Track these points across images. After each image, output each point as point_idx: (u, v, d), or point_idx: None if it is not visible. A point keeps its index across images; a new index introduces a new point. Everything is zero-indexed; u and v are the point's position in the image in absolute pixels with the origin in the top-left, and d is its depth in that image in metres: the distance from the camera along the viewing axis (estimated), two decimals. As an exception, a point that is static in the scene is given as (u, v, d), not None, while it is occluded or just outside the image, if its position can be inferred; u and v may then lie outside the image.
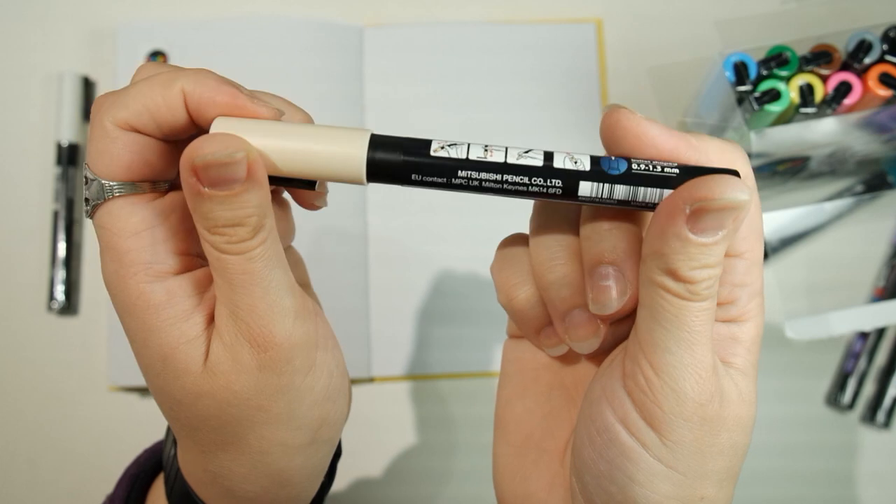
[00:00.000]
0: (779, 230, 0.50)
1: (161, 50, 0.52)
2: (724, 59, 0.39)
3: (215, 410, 0.24)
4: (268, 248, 0.23)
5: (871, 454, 0.48)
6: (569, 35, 0.54)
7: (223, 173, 0.22)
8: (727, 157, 0.23)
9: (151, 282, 0.24)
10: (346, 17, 0.54)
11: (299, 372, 0.25)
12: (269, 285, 0.23)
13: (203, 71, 0.25)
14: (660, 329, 0.22)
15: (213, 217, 0.22)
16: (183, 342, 0.24)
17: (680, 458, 0.23)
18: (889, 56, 0.39)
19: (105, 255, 0.24)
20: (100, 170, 0.24)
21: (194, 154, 0.22)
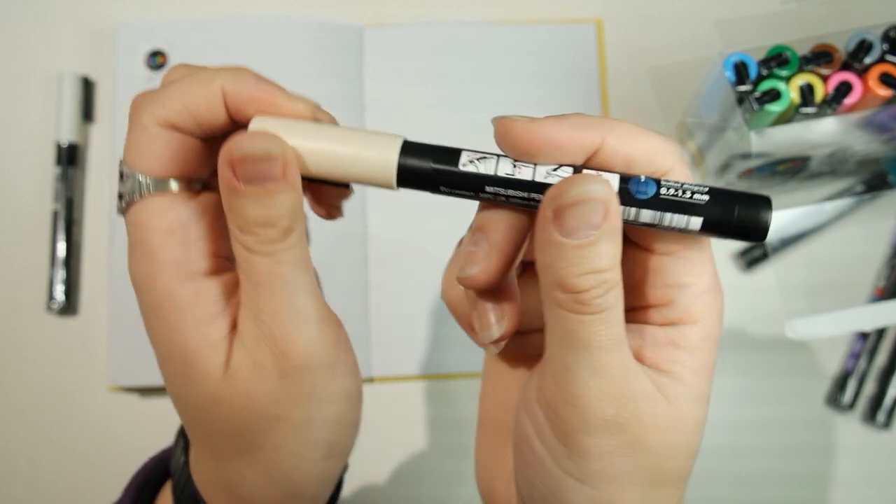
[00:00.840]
0: (779, 230, 0.50)
1: (161, 50, 0.52)
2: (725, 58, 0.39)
3: (234, 417, 0.24)
4: (296, 253, 0.24)
5: (872, 454, 0.48)
6: (569, 35, 0.54)
7: (259, 169, 0.22)
8: (641, 142, 0.22)
9: (182, 281, 0.24)
10: (346, 17, 0.54)
11: (320, 382, 0.25)
12: (294, 290, 0.23)
13: (241, 69, 0.26)
14: (557, 345, 0.22)
15: (245, 215, 0.23)
16: (205, 345, 0.24)
17: (588, 471, 0.22)
18: (889, 56, 0.39)
19: (135, 251, 0.24)
20: (138, 165, 0.24)
21: (234, 147, 0.22)
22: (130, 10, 0.55)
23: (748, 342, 0.49)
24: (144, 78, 0.52)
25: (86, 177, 0.53)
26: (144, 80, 0.52)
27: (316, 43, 0.53)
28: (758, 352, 0.49)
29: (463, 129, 0.52)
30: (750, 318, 0.50)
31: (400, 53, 0.53)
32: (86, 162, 0.53)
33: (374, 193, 0.51)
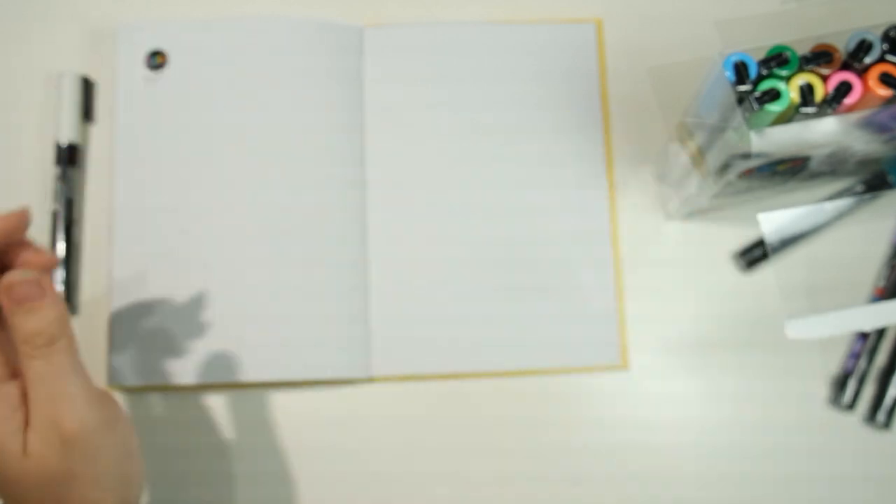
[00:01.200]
0: (779, 230, 0.50)
1: (161, 50, 0.52)
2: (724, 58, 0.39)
3: (40, 484, 0.32)
4: (64, 353, 0.33)
5: (872, 455, 0.48)
6: (569, 35, 0.54)
7: (25, 292, 0.32)
8: None
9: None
10: (346, 17, 0.54)
11: (98, 442, 0.33)
12: (64, 381, 0.32)
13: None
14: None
15: (21, 328, 0.32)
16: (7, 435, 0.32)
17: None
18: (889, 56, 0.39)
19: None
20: None
21: (4, 281, 0.32)
22: (130, 9, 0.55)
23: (748, 342, 0.49)
24: (144, 77, 0.52)
25: (86, 177, 0.53)
26: (144, 79, 0.52)
27: (315, 43, 0.53)
28: (757, 352, 0.49)
29: (463, 129, 0.52)
30: (750, 319, 0.50)
31: (400, 53, 0.53)
32: (86, 162, 0.53)
33: (374, 194, 0.51)
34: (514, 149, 0.52)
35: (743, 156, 0.40)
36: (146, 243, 0.50)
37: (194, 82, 0.52)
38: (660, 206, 0.52)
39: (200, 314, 0.49)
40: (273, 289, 0.49)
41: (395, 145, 0.52)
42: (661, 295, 0.50)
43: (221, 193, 0.50)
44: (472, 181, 0.51)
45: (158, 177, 0.51)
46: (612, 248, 0.51)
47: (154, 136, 0.51)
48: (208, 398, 0.49)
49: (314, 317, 0.49)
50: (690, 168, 0.46)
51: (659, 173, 0.52)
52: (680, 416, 0.49)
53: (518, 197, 0.51)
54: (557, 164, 0.52)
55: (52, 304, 0.33)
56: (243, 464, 0.48)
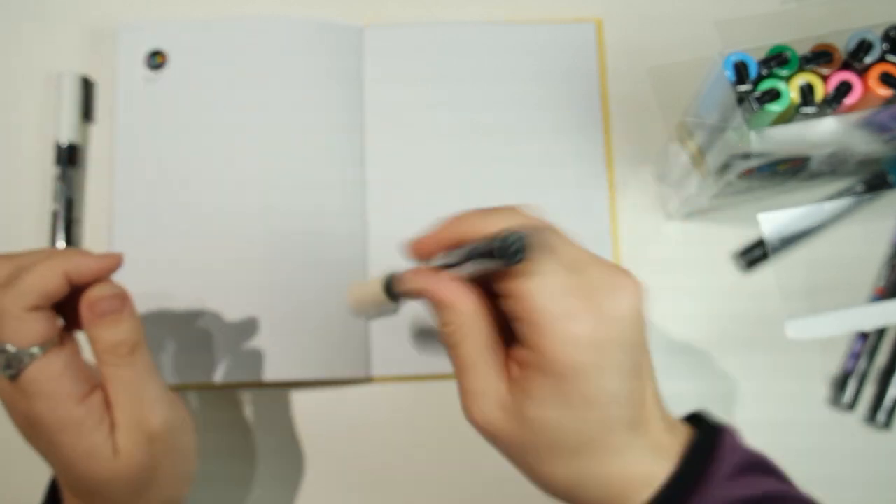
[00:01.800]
0: (779, 230, 0.50)
1: (160, 50, 0.52)
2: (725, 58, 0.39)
3: (130, 481, 0.35)
4: (144, 360, 0.35)
5: (872, 454, 0.48)
6: (569, 35, 0.54)
7: (106, 306, 0.34)
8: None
9: (76, 405, 0.33)
10: (346, 17, 0.54)
11: (177, 438, 0.36)
12: (146, 385, 0.35)
13: (71, 253, 0.35)
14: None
15: (103, 339, 0.34)
16: (100, 441, 0.34)
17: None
18: (889, 56, 0.39)
19: (34, 399, 0.33)
20: (19, 342, 0.33)
21: (88, 295, 0.34)
22: (130, 9, 0.55)
23: (748, 342, 0.49)
24: (144, 77, 0.52)
25: (86, 176, 0.53)
26: (144, 79, 0.52)
27: (315, 43, 0.53)
28: (758, 352, 0.49)
29: (463, 129, 0.52)
30: (750, 319, 0.50)
31: (400, 53, 0.53)
32: (86, 162, 0.53)
33: (374, 196, 0.51)
34: (513, 149, 0.52)
35: (743, 156, 0.40)
36: (145, 244, 0.50)
37: (194, 82, 0.52)
38: (660, 206, 0.52)
39: (199, 315, 0.49)
40: (272, 289, 0.49)
41: (395, 145, 0.52)
42: (660, 295, 0.50)
43: (221, 193, 0.50)
44: (471, 181, 0.51)
45: (158, 177, 0.51)
46: (612, 249, 0.51)
47: (154, 135, 0.51)
48: (208, 398, 0.49)
49: (314, 317, 0.49)
50: (690, 168, 0.46)
51: (659, 173, 0.52)
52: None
53: (518, 197, 0.51)
54: (558, 164, 0.52)
55: (132, 315, 0.35)
56: (242, 462, 0.48)
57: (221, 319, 0.49)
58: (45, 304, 0.33)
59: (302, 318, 0.49)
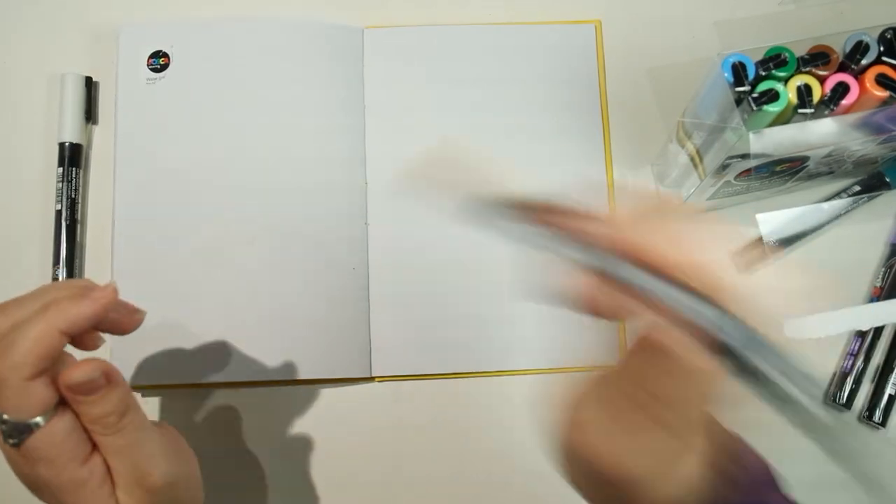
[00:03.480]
0: (777, 230, 0.50)
1: (163, 51, 0.53)
2: (723, 59, 0.39)
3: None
4: (135, 423, 0.34)
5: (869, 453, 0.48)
6: (568, 36, 0.54)
7: (89, 388, 0.33)
8: None
9: (80, 466, 0.33)
10: (347, 19, 0.54)
11: (180, 488, 0.36)
12: (140, 444, 0.34)
13: (64, 305, 0.33)
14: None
15: (90, 414, 0.33)
16: (103, 499, 0.34)
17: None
18: (886, 57, 0.40)
19: (39, 465, 0.33)
20: (20, 414, 0.32)
21: (66, 380, 0.32)
22: (133, 11, 0.55)
23: (746, 341, 0.50)
24: (147, 78, 0.52)
25: (89, 177, 0.53)
26: (146, 80, 0.52)
27: (316, 44, 0.53)
28: (756, 351, 0.49)
29: (463, 130, 0.53)
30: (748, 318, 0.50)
31: (400, 55, 0.53)
32: (89, 162, 0.53)
33: (374, 198, 0.52)
34: (513, 149, 0.52)
35: (741, 156, 0.40)
36: (147, 244, 0.50)
37: (196, 83, 0.52)
38: (659, 206, 0.52)
39: (200, 315, 0.49)
40: (274, 289, 0.49)
41: (395, 147, 0.52)
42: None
43: (223, 194, 0.50)
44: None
45: (160, 177, 0.51)
46: None
47: (155, 136, 0.52)
48: (209, 397, 0.50)
49: (315, 317, 0.49)
50: (689, 168, 0.47)
51: (658, 173, 0.52)
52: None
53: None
54: (557, 164, 0.52)
55: (116, 385, 0.33)
56: (242, 462, 0.49)
57: (222, 319, 0.49)
58: (43, 369, 0.32)
59: (303, 319, 0.49)
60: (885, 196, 0.51)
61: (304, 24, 0.53)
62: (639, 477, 0.29)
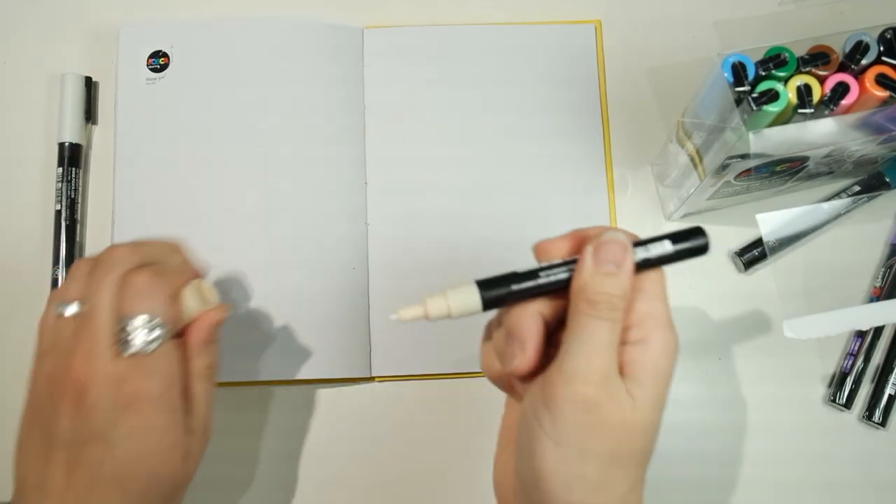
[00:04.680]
0: (777, 230, 0.50)
1: (163, 51, 0.53)
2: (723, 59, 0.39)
3: (182, 484, 0.38)
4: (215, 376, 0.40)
5: (868, 453, 0.48)
6: (568, 37, 0.54)
7: (214, 336, 0.39)
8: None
9: (180, 395, 0.37)
10: (346, 19, 0.54)
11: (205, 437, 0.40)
12: (212, 395, 0.39)
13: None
14: (570, 338, 0.30)
15: (202, 361, 0.39)
16: (181, 439, 0.37)
17: (563, 436, 0.29)
18: (885, 57, 0.40)
19: (154, 376, 0.36)
20: (165, 318, 0.36)
21: (213, 319, 0.39)
22: (133, 11, 0.55)
23: (746, 342, 0.50)
24: (146, 79, 0.52)
25: (89, 177, 0.53)
26: (146, 80, 0.52)
27: (316, 45, 0.53)
28: (755, 352, 0.50)
29: (463, 130, 0.53)
30: (748, 318, 0.50)
31: (400, 56, 0.53)
32: (88, 162, 0.53)
33: (374, 198, 0.52)
34: (513, 150, 0.52)
35: (741, 156, 0.40)
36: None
37: (196, 83, 0.52)
38: (659, 206, 0.52)
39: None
40: (273, 289, 0.49)
41: (395, 147, 0.52)
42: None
43: (223, 195, 0.51)
44: (471, 182, 0.52)
45: (159, 177, 0.51)
46: None
47: (155, 136, 0.52)
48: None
49: (315, 317, 0.49)
50: (689, 169, 0.47)
51: (659, 173, 0.52)
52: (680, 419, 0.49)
53: (517, 199, 0.52)
54: (557, 164, 0.52)
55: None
56: (241, 462, 0.49)
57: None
58: (177, 292, 0.38)
59: (303, 319, 0.49)
60: (885, 196, 0.51)
61: (303, 25, 0.53)
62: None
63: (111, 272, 0.36)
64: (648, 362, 0.30)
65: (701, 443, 0.48)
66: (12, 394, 0.50)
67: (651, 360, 0.31)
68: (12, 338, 0.50)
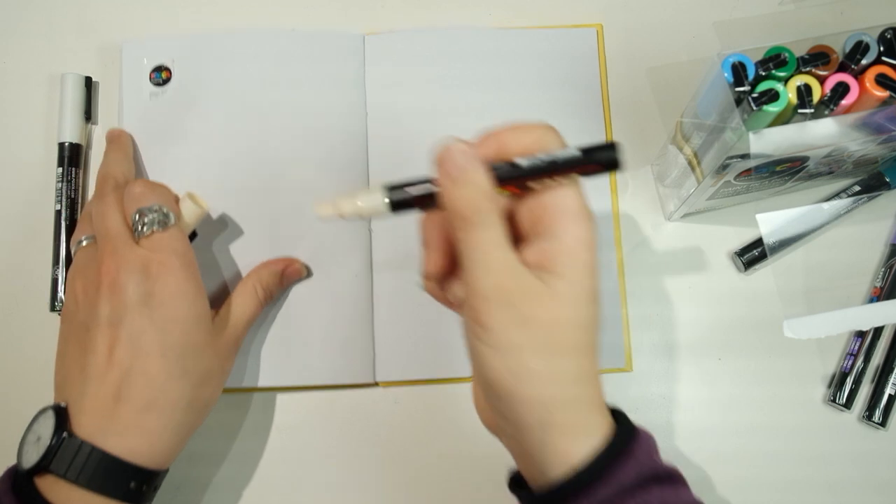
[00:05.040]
0: (777, 231, 0.50)
1: (165, 65, 0.52)
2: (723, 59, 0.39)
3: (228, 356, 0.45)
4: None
5: (868, 453, 0.48)
6: (570, 40, 0.54)
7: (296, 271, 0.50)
8: (528, 135, 0.32)
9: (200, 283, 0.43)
10: (346, 25, 0.54)
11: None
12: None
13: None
14: (462, 258, 0.31)
15: (277, 287, 0.49)
16: (209, 310, 0.43)
17: (495, 341, 0.31)
18: (886, 57, 0.40)
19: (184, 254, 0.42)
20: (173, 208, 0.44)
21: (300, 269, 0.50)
22: (133, 9, 0.55)
23: (746, 342, 0.50)
24: (150, 93, 0.52)
25: (88, 177, 0.53)
26: (150, 94, 0.52)
27: (317, 52, 0.53)
28: (756, 352, 0.50)
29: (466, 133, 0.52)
30: (748, 318, 0.50)
31: (401, 59, 0.53)
32: (88, 162, 0.53)
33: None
34: None
35: (741, 156, 0.40)
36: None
37: (199, 95, 0.52)
38: (659, 206, 0.52)
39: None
40: (279, 298, 0.49)
41: (398, 151, 0.52)
42: (659, 295, 0.51)
43: (228, 205, 0.50)
44: None
45: None
46: (615, 253, 0.51)
47: (159, 149, 0.51)
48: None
49: (319, 323, 0.49)
50: (689, 169, 0.47)
51: (659, 173, 0.52)
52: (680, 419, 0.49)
53: None
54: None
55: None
56: (245, 466, 0.49)
57: None
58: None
59: (307, 325, 0.49)
60: (885, 196, 0.51)
61: (304, 33, 0.53)
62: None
63: (110, 192, 0.43)
64: (564, 254, 0.31)
65: (701, 443, 0.48)
66: (13, 393, 0.50)
67: (566, 252, 0.31)
68: (13, 337, 0.50)
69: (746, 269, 0.51)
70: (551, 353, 0.31)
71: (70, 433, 0.38)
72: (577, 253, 0.31)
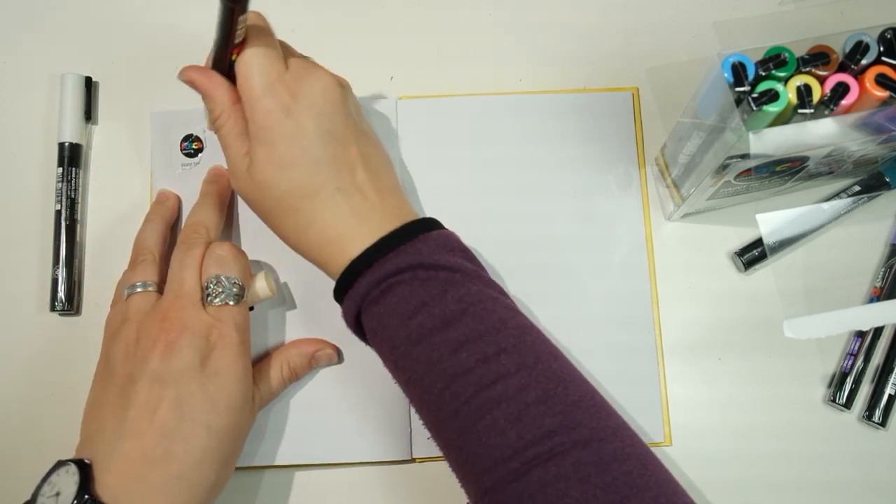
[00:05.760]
0: (777, 230, 0.50)
1: (195, 135, 0.52)
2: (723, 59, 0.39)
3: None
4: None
5: (868, 453, 0.48)
6: (606, 102, 0.53)
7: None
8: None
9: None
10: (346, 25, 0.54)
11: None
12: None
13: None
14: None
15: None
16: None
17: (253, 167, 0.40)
18: (886, 57, 0.40)
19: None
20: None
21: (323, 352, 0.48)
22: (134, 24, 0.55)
23: (746, 342, 0.50)
24: (182, 164, 0.51)
25: (88, 177, 0.53)
26: (182, 166, 0.51)
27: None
28: (756, 352, 0.49)
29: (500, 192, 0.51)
30: (748, 319, 0.50)
31: (432, 126, 0.52)
32: (88, 162, 0.53)
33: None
34: (546, 207, 0.51)
35: (741, 156, 0.40)
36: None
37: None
38: (659, 206, 0.52)
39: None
40: (312, 374, 0.49)
41: (434, 204, 0.51)
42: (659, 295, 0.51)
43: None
44: (506, 238, 0.50)
45: None
46: (651, 309, 0.50)
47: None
48: (245, 480, 0.48)
49: (355, 400, 0.48)
50: (690, 167, 0.47)
51: (659, 173, 0.52)
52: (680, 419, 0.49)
53: (556, 257, 0.50)
54: (594, 220, 0.51)
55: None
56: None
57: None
58: None
59: (341, 401, 0.48)
60: (885, 196, 0.51)
61: None
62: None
63: (198, 246, 0.43)
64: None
65: (701, 443, 0.48)
66: (13, 393, 0.50)
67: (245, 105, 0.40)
68: (12, 337, 0.50)
69: (746, 269, 0.50)
70: (290, 168, 0.39)
71: (94, 497, 0.36)
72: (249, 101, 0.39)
